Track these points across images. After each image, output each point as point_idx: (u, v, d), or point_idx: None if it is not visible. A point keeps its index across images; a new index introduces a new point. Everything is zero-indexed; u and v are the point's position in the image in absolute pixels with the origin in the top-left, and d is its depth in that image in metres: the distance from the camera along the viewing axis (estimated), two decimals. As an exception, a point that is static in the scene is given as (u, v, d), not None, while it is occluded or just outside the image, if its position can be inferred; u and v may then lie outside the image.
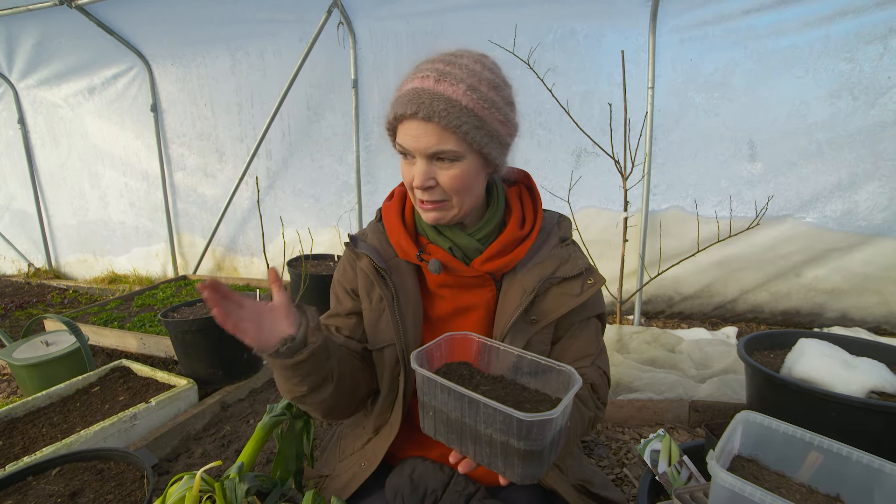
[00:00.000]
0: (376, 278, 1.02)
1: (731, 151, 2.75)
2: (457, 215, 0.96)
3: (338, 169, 3.64)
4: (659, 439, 1.25)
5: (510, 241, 1.00)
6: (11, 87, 4.47)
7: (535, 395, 0.83)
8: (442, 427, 0.79)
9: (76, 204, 4.73)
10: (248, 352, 2.34)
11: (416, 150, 0.88)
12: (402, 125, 0.89)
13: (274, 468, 1.22)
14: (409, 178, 0.93)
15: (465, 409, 0.72)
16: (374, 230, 1.11)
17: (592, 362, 1.05)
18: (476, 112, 0.86)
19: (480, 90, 0.87)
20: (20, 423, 1.92)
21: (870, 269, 2.64)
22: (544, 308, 1.00)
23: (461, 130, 0.85)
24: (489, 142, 0.90)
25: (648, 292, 3.07)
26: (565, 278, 1.01)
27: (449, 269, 1.01)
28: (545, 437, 0.69)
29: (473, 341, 0.91)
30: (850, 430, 1.29)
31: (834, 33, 2.44)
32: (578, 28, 2.83)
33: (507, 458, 0.72)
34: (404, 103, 0.87)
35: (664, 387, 2.08)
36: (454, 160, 0.89)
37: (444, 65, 0.88)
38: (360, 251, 1.05)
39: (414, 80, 0.88)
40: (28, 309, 3.93)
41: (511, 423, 0.68)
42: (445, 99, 0.84)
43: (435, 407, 0.77)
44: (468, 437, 0.75)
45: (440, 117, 0.84)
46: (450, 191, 0.91)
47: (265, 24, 3.39)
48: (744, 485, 0.77)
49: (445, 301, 1.06)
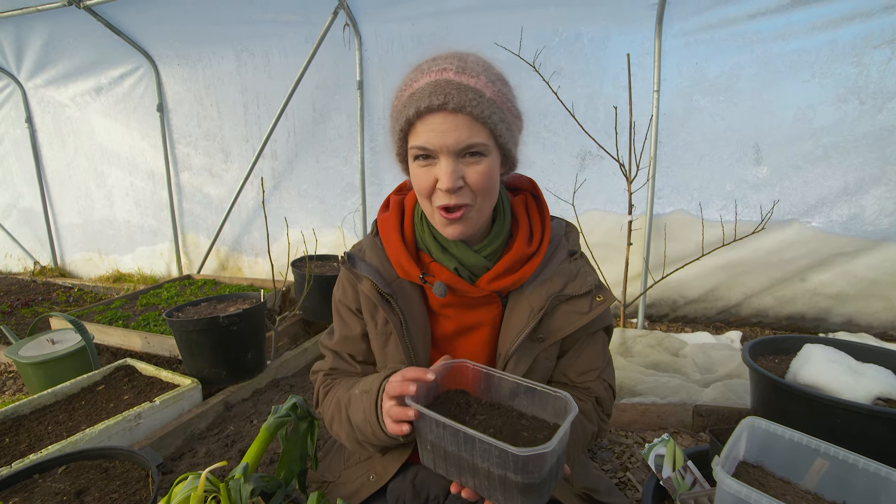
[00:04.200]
0: (381, 303, 0.97)
1: (737, 155, 2.75)
2: (477, 223, 0.90)
3: (342, 170, 3.65)
4: (663, 444, 1.24)
5: (518, 258, 0.94)
6: (20, 86, 4.50)
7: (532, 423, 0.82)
8: (440, 461, 0.78)
9: (82, 203, 4.76)
10: (252, 352, 2.36)
11: (444, 146, 0.81)
12: (423, 121, 0.82)
13: (278, 469, 1.22)
14: (429, 183, 0.85)
15: (462, 443, 0.72)
16: (372, 246, 1.04)
17: (598, 376, 1.03)
18: (498, 104, 0.83)
19: (497, 84, 0.84)
20: (26, 421, 1.93)
21: (876, 275, 2.62)
22: (552, 327, 0.97)
23: (491, 122, 0.81)
24: (510, 136, 0.87)
25: (652, 296, 3.06)
26: (574, 296, 0.96)
27: (454, 290, 0.96)
28: (542, 469, 0.69)
29: (469, 369, 0.89)
30: (856, 437, 1.28)
31: (841, 37, 2.43)
32: (584, 31, 2.83)
33: (507, 492, 0.71)
34: (426, 96, 0.79)
35: (668, 391, 2.07)
36: (483, 155, 0.83)
37: (456, 60, 0.84)
38: (360, 273, 0.99)
39: (429, 74, 0.82)
40: (34, 307, 3.96)
41: (507, 457, 0.67)
42: (472, 89, 0.80)
43: (432, 441, 0.77)
44: (466, 471, 0.74)
45: (472, 107, 0.79)
46: (477, 191, 0.85)
47: (271, 26, 3.41)
48: (749, 491, 0.77)
49: (450, 320, 1.02)
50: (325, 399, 1.08)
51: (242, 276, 4.19)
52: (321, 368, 1.15)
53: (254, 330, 2.34)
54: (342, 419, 0.98)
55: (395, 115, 0.87)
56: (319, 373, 1.14)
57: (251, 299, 2.48)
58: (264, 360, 2.49)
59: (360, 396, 0.93)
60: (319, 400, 1.11)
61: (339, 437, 1.02)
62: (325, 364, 1.14)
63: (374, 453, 0.97)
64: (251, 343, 2.35)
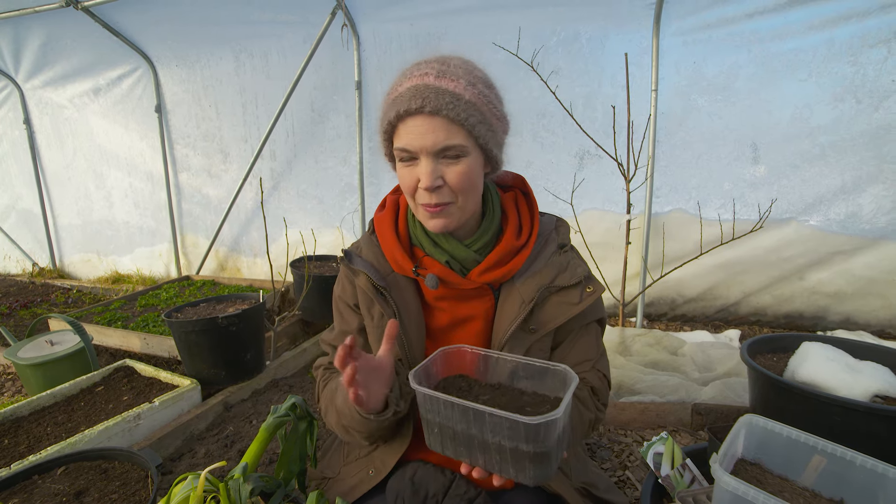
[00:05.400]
0: (376, 296, 1.01)
1: (735, 154, 2.75)
2: (461, 219, 0.95)
3: (341, 170, 3.65)
4: (662, 442, 1.25)
5: (507, 251, 0.98)
6: (17, 87, 4.50)
7: (534, 398, 0.84)
8: (449, 441, 0.79)
9: (81, 204, 4.75)
10: (251, 353, 2.36)
11: (423, 147, 0.86)
12: (404, 124, 0.87)
13: (277, 469, 1.23)
14: (412, 182, 0.91)
15: (471, 421, 0.73)
16: (368, 243, 1.09)
17: (593, 366, 1.06)
18: (478, 106, 0.86)
19: (478, 86, 0.88)
20: (25, 422, 1.93)
21: (874, 273, 2.63)
22: (543, 317, 1.00)
23: (468, 123, 0.85)
24: (491, 137, 0.90)
25: (651, 295, 3.07)
26: (564, 287, 1.00)
27: (446, 282, 1.00)
28: (552, 437, 0.71)
29: (467, 353, 0.92)
30: (854, 435, 1.28)
31: (838, 37, 2.44)
32: (582, 30, 2.84)
33: (518, 463, 0.73)
34: (406, 100, 0.85)
35: (667, 389, 2.08)
36: (461, 156, 0.88)
37: (438, 64, 0.88)
38: (356, 268, 1.03)
39: (411, 79, 0.87)
40: (32, 308, 3.95)
41: (518, 428, 0.69)
42: (450, 93, 0.84)
43: (440, 423, 0.78)
44: (476, 448, 0.75)
45: (448, 109, 0.83)
46: (457, 189, 0.90)
47: (269, 26, 3.41)
48: (747, 488, 0.77)
49: (444, 313, 1.05)
50: (323, 392, 1.12)
51: (241, 276, 4.19)
52: (322, 364, 1.18)
53: (253, 330, 2.34)
54: (332, 408, 1.02)
55: (381, 118, 0.92)
56: (320, 368, 1.18)
57: (250, 300, 2.48)
58: (263, 360, 2.49)
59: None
60: (319, 394, 1.14)
61: (331, 426, 1.04)
62: (326, 359, 1.18)
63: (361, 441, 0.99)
64: (250, 343, 2.35)
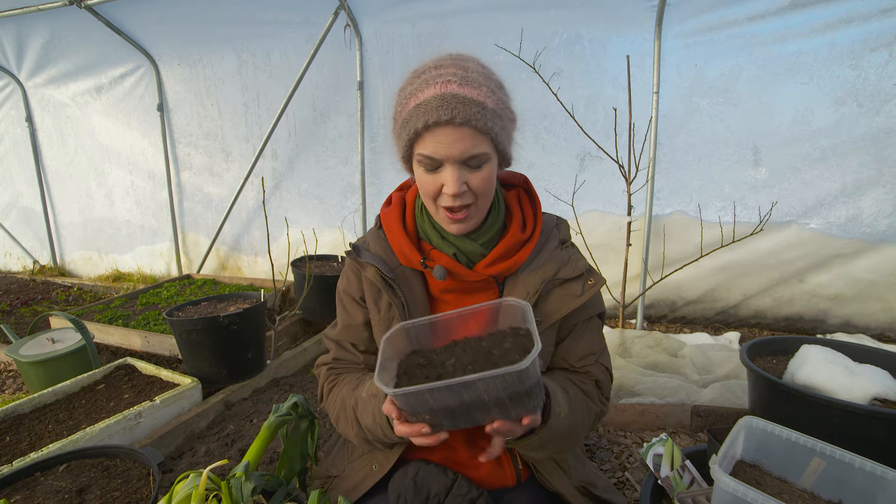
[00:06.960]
0: (384, 288, 1.02)
1: (736, 157, 2.76)
2: (479, 219, 0.98)
3: (343, 170, 3.66)
4: (661, 443, 1.25)
5: (513, 244, 1.01)
6: (20, 85, 4.50)
7: (494, 338, 0.87)
8: (446, 420, 0.80)
9: (82, 202, 4.76)
10: (252, 352, 2.36)
11: (450, 156, 0.87)
12: (430, 133, 0.87)
13: (279, 467, 1.23)
14: (435, 188, 0.92)
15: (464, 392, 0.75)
16: (375, 238, 1.11)
17: (596, 360, 1.08)
18: (498, 113, 0.89)
19: (497, 93, 0.90)
20: (26, 420, 1.93)
21: (874, 276, 2.64)
22: (547, 309, 1.02)
23: (493, 132, 0.87)
24: (507, 140, 0.93)
25: (651, 296, 3.07)
26: (567, 280, 1.02)
27: (453, 274, 1.01)
28: (537, 369, 0.76)
29: (409, 328, 0.93)
30: (853, 437, 1.29)
31: (839, 40, 2.44)
32: (584, 32, 2.84)
33: (517, 404, 0.77)
34: (433, 110, 0.85)
35: (666, 391, 2.08)
36: (484, 162, 0.90)
37: (458, 69, 0.88)
38: (364, 261, 1.05)
39: (433, 86, 0.86)
40: (33, 306, 3.96)
41: (511, 376, 0.72)
42: (476, 103, 0.85)
43: (433, 408, 0.78)
44: (476, 410, 0.78)
45: (476, 120, 0.84)
46: (479, 193, 0.92)
47: (272, 26, 3.41)
48: (746, 489, 0.78)
49: (449, 306, 1.07)
50: (329, 395, 1.12)
51: (242, 275, 4.20)
52: (325, 362, 1.19)
53: (254, 329, 2.35)
54: (349, 419, 1.03)
55: (402, 123, 0.91)
56: (323, 367, 1.18)
57: (251, 299, 2.49)
58: (264, 359, 2.49)
59: (367, 400, 0.98)
60: (324, 395, 1.15)
61: (347, 435, 1.06)
62: (329, 356, 1.19)
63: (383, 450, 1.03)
64: (251, 342, 2.36)
